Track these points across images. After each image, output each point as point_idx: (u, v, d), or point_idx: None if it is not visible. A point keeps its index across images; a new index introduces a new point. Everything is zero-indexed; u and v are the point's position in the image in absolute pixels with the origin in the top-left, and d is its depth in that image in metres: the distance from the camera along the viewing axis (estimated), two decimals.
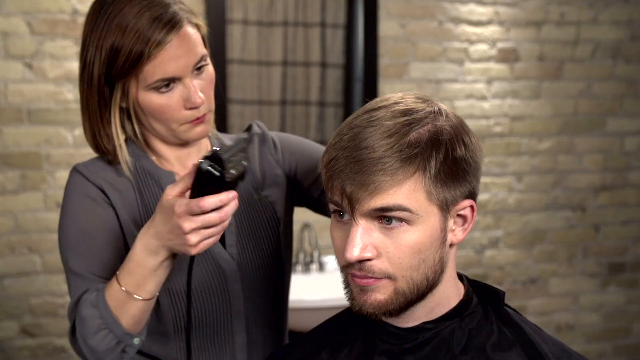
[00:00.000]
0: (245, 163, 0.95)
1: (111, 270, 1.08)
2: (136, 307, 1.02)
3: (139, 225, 1.12)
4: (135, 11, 1.06)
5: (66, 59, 2.30)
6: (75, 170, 1.15)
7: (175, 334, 1.15)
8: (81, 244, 1.10)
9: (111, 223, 1.12)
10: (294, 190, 1.29)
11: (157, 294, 1.03)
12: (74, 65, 2.30)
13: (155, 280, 1.01)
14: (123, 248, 1.12)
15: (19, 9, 2.25)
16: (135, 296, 1.01)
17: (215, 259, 1.16)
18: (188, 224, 0.93)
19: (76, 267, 1.09)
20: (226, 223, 0.96)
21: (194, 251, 0.95)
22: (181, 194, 0.96)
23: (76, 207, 1.12)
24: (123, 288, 1.01)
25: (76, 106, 2.32)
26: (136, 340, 1.04)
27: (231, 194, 0.93)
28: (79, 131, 2.32)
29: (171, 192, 0.95)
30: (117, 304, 1.01)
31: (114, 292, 1.02)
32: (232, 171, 0.92)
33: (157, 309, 1.14)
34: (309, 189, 1.27)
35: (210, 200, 0.92)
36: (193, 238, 0.94)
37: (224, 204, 0.93)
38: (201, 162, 0.92)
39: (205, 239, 0.95)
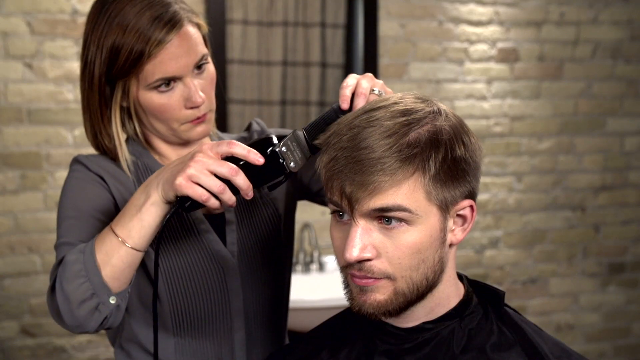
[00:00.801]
0: (293, 165, 0.96)
1: None
2: (119, 255, 0.97)
3: None
4: (136, 10, 1.06)
5: (66, 59, 2.30)
6: (76, 161, 1.15)
7: (174, 329, 1.15)
8: (72, 217, 1.08)
9: (107, 205, 1.11)
10: (294, 186, 1.29)
11: (144, 249, 0.99)
12: (74, 65, 2.30)
13: (141, 225, 0.97)
14: None
15: (19, 9, 2.25)
16: (121, 240, 0.97)
17: (215, 256, 1.16)
18: (202, 154, 0.92)
19: (65, 239, 1.06)
20: (225, 196, 0.92)
21: (181, 180, 0.91)
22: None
23: (72, 187, 1.12)
24: (112, 229, 0.98)
25: (76, 106, 2.32)
26: (112, 300, 0.98)
27: (259, 156, 0.93)
28: (79, 131, 2.32)
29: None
30: (103, 249, 0.97)
31: (103, 236, 0.99)
32: (284, 149, 0.95)
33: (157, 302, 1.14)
34: (309, 183, 1.27)
35: (239, 146, 0.92)
36: (193, 169, 0.91)
37: (249, 160, 0.92)
38: (273, 137, 0.95)
39: (199, 181, 0.91)
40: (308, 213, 2.48)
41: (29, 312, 2.37)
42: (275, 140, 0.95)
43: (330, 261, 2.54)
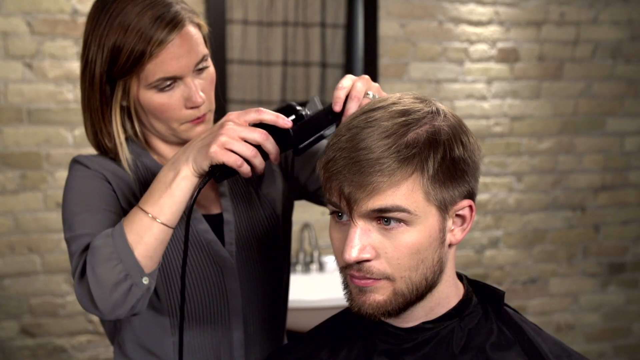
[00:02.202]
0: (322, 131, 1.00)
1: None
2: (151, 233, 0.98)
3: None
4: (138, 10, 1.06)
5: (66, 59, 2.30)
6: (76, 161, 1.15)
7: (172, 328, 1.15)
8: (81, 212, 1.08)
9: (114, 199, 1.11)
10: (292, 186, 1.29)
11: (174, 225, 1.00)
12: (74, 65, 2.30)
13: (172, 200, 0.98)
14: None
15: (19, 9, 2.25)
16: (152, 217, 0.98)
17: (213, 256, 1.16)
18: (232, 124, 0.96)
19: (77, 232, 1.05)
20: (256, 160, 0.96)
21: (215, 148, 0.94)
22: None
23: (76, 185, 1.11)
24: (142, 208, 0.99)
25: (76, 106, 2.32)
26: (145, 280, 0.99)
27: (287, 120, 0.98)
28: (79, 131, 2.32)
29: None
30: (133, 229, 0.98)
31: (132, 217, 0.99)
32: (309, 112, 0.99)
33: (155, 300, 1.14)
34: (305, 183, 1.27)
35: (268, 113, 0.97)
36: (225, 136, 0.95)
37: (278, 125, 0.97)
38: (295, 104, 1.00)
39: (232, 147, 0.95)
40: (308, 213, 2.48)
41: (29, 312, 2.37)
42: (298, 107, 1.00)
43: (330, 261, 2.55)
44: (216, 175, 0.99)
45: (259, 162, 0.97)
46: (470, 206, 0.90)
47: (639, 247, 3.05)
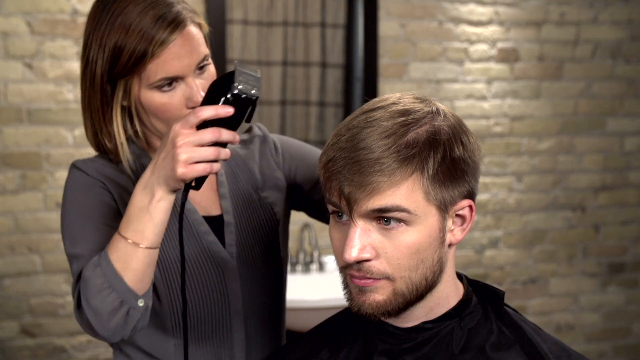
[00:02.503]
0: (254, 92, 0.98)
1: None
2: (137, 259, 0.99)
3: None
4: (139, 10, 1.06)
5: (66, 59, 2.30)
6: (74, 167, 1.15)
7: (173, 330, 1.15)
8: (81, 227, 1.09)
9: (111, 204, 1.12)
10: (294, 194, 1.29)
11: (158, 245, 1.01)
12: (74, 65, 2.30)
13: (153, 224, 0.98)
14: None
15: (19, 9, 2.25)
16: (135, 244, 0.98)
17: (214, 257, 1.16)
18: (181, 136, 0.95)
19: (78, 250, 1.07)
20: (221, 155, 0.96)
21: (181, 169, 0.94)
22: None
23: (75, 196, 1.12)
24: (123, 235, 0.99)
25: (76, 106, 2.32)
26: (140, 302, 1.00)
27: (227, 108, 0.96)
28: (79, 131, 2.32)
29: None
30: (119, 257, 0.99)
31: (114, 244, 1.00)
32: (240, 87, 0.96)
33: (155, 302, 1.14)
34: (308, 192, 1.27)
35: (207, 109, 0.95)
36: (183, 153, 0.94)
37: (220, 117, 0.96)
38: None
39: (195, 160, 0.94)
40: None
41: (29, 312, 2.37)
42: (230, 81, 0.98)
43: (330, 261, 2.55)
44: (193, 186, 1.00)
45: (224, 155, 0.97)
46: (470, 206, 0.90)
47: (639, 247, 3.05)
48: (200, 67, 1.11)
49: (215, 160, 0.97)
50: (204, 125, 0.96)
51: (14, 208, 2.32)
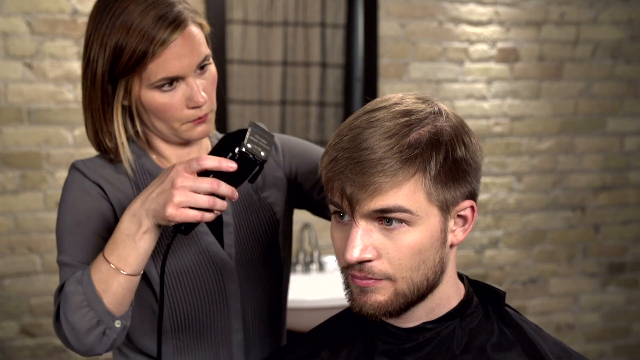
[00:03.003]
0: (263, 154, 0.99)
1: None
2: (118, 283, 1.00)
3: None
4: (140, 9, 1.06)
5: (66, 59, 2.30)
6: (74, 168, 1.15)
7: (172, 333, 1.15)
8: (73, 234, 1.10)
9: (106, 214, 1.12)
10: (295, 192, 1.29)
11: (140, 272, 1.02)
12: (74, 65, 2.30)
13: (137, 253, 0.99)
14: None
15: (19, 9, 2.25)
16: (117, 269, 1.00)
17: (213, 258, 1.16)
18: (181, 179, 0.95)
19: (66, 257, 1.09)
20: (217, 205, 0.96)
21: (171, 210, 0.94)
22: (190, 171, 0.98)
23: (72, 200, 1.12)
24: (106, 259, 1.00)
25: (76, 106, 2.32)
26: (117, 323, 1.02)
27: (230, 163, 0.97)
28: (79, 131, 2.32)
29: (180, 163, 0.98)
30: (100, 278, 1.00)
31: (98, 266, 1.01)
32: (249, 146, 0.97)
33: (154, 304, 1.14)
34: (309, 191, 1.27)
35: (210, 160, 0.96)
36: (178, 196, 0.94)
37: (222, 170, 0.96)
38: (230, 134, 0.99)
39: (188, 204, 0.94)
40: (308, 213, 2.47)
41: (29, 312, 2.37)
42: (242, 138, 0.98)
43: (330, 261, 2.55)
44: (182, 229, 1.00)
45: (219, 206, 0.97)
46: (471, 207, 0.90)
47: (639, 247, 3.05)
48: (201, 67, 1.11)
49: (210, 210, 0.97)
50: (206, 173, 0.97)
51: (14, 208, 2.31)
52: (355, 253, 0.85)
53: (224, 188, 0.96)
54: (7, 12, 2.24)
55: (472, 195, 0.90)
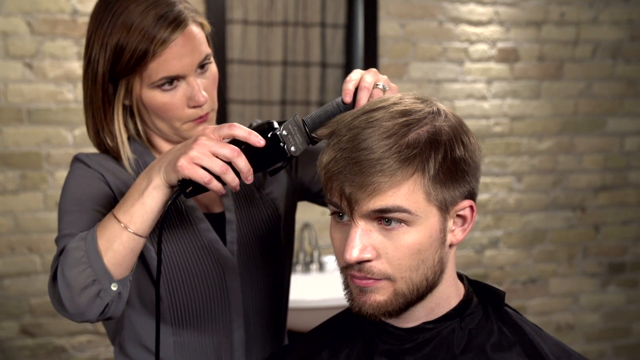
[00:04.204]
0: (293, 149, 0.96)
1: None
2: (121, 241, 0.97)
3: None
4: (141, 9, 1.06)
5: (66, 59, 2.30)
6: (77, 159, 1.15)
7: (172, 326, 1.15)
8: (73, 211, 1.08)
9: (107, 198, 1.11)
10: (295, 186, 1.29)
11: (145, 234, 0.99)
12: (74, 65, 2.30)
13: (143, 209, 0.97)
14: None
15: (19, 9, 2.25)
16: (123, 226, 0.97)
17: (214, 255, 1.16)
18: (205, 138, 0.92)
19: (66, 231, 1.06)
20: (227, 176, 0.92)
21: (183, 162, 0.91)
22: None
23: (75, 183, 1.12)
24: (114, 215, 0.98)
25: (76, 106, 2.32)
26: (113, 286, 0.98)
27: (260, 138, 0.93)
28: (79, 131, 2.32)
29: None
30: (104, 235, 0.98)
31: (105, 223, 0.99)
32: (284, 132, 0.94)
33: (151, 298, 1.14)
34: (309, 184, 1.27)
35: (240, 128, 0.93)
36: (196, 151, 0.91)
37: (249, 142, 0.93)
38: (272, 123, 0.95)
39: (201, 163, 0.91)
40: (308, 213, 2.48)
41: (29, 312, 2.37)
42: (276, 125, 0.96)
43: (330, 261, 2.54)
44: (186, 190, 0.95)
45: (230, 178, 0.93)
46: (471, 206, 0.90)
47: (639, 247, 3.05)
48: (202, 67, 1.11)
49: (219, 179, 0.93)
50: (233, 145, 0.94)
51: (14, 208, 2.31)
52: (354, 253, 0.85)
53: (243, 162, 0.92)
54: (7, 12, 2.24)
55: (471, 195, 0.90)
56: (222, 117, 2.41)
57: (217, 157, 0.92)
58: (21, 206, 2.32)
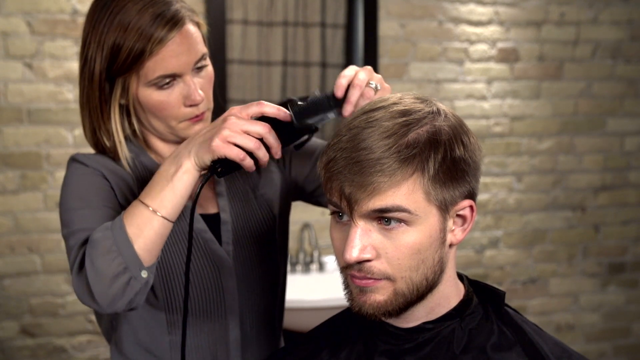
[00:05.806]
0: (313, 127, 1.01)
1: None
2: (152, 227, 0.98)
3: None
4: (138, 8, 1.07)
5: (66, 59, 2.30)
6: (74, 160, 1.15)
7: (169, 327, 1.15)
8: (85, 208, 1.08)
9: (112, 196, 1.11)
10: (289, 186, 1.29)
11: (174, 218, 1.00)
12: (74, 65, 2.30)
13: (173, 194, 0.98)
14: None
15: (19, 9, 2.25)
16: (153, 211, 0.98)
17: (210, 255, 1.17)
18: (235, 117, 0.97)
19: (76, 227, 1.05)
20: (259, 152, 0.97)
21: (218, 142, 0.95)
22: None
23: (77, 181, 1.11)
24: (142, 201, 0.99)
25: (76, 106, 2.32)
26: (144, 273, 0.98)
27: (287, 113, 0.99)
28: (79, 131, 2.32)
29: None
30: (133, 222, 0.98)
31: (132, 210, 0.99)
32: (308, 121, 1.00)
33: (152, 298, 1.14)
34: (303, 184, 1.28)
35: (269, 106, 0.98)
36: (228, 130, 0.96)
37: (278, 118, 0.98)
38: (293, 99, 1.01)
39: (235, 141, 0.95)
40: (308, 213, 2.48)
41: (29, 312, 2.37)
42: (299, 102, 1.01)
43: (330, 261, 2.54)
44: (218, 170, 0.99)
45: (262, 154, 0.97)
46: (471, 206, 0.90)
47: (639, 247, 3.05)
48: (198, 66, 1.11)
49: (252, 156, 0.97)
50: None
51: (14, 208, 2.31)
52: (354, 253, 0.85)
53: (273, 138, 0.97)
54: (7, 12, 2.24)
55: (471, 195, 0.90)
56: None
57: (249, 134, 0.96)
58: (21, 206, 2.32)
